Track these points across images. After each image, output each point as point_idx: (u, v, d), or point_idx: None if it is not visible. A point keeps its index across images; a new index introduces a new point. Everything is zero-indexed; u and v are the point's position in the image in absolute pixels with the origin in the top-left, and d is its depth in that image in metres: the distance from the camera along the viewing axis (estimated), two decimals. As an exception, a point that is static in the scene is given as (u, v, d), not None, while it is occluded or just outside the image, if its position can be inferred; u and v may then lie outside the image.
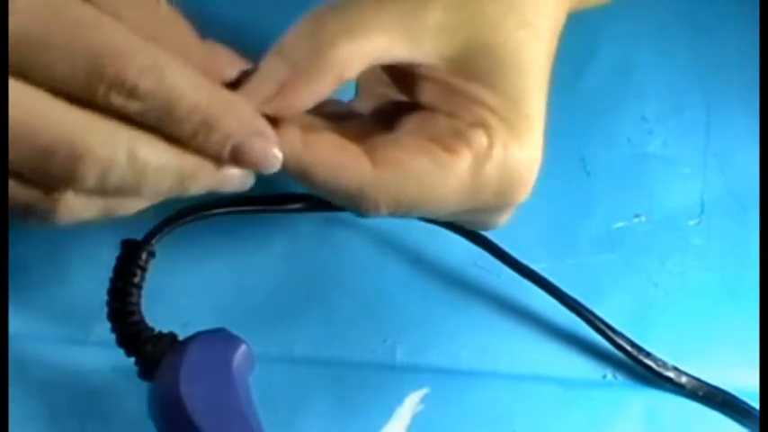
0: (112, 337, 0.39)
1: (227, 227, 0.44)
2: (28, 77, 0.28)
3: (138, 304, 0.39)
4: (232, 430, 0.36)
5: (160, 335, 0.39)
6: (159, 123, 0.30)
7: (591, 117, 0.49)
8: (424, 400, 0.44)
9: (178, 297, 0.43)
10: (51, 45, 0.28)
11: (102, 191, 0.30)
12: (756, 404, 0.45)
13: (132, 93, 0.29)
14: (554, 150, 0.42)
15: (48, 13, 0.28)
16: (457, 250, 0.44)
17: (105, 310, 0.39)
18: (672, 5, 0.51)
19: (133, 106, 0.29)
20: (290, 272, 0.45)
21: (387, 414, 0.44)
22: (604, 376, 0.46)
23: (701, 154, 0.50)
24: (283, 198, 0.41)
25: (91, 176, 0.29)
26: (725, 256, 0.48)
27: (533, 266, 0.45)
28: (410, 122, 0.36)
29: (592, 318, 0.45)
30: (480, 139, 0.34)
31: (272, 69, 0.32)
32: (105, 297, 0.39)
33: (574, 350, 0.46)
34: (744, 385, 0.46)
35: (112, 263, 0.39)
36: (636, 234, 0.48)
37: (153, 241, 0.38)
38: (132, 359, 0.39)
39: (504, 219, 0.39)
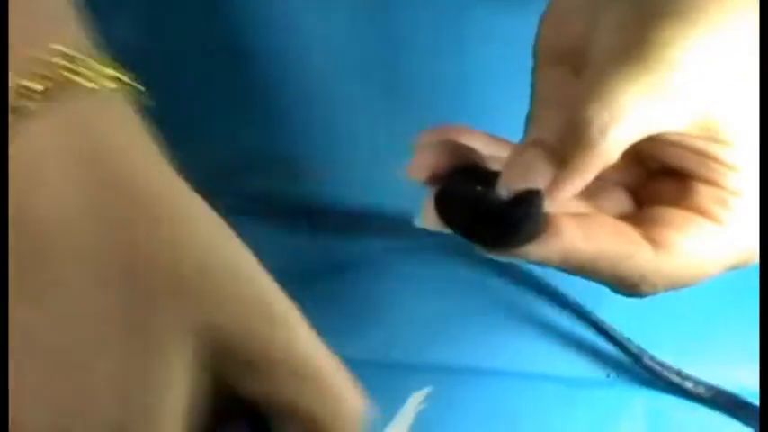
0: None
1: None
2: None
3: None
4: None
5: None
6: None
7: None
8: (427, 399, 0.44)
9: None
10: None
11: None
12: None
13: None
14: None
15: None
16: (459, 249, 0.44)
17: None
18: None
19: None
20: (291, 271, 0.45)
21: (390, 413, 0.43)
22: (608, 375, 0.46)
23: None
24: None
25: None
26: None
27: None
28: (667, 192, 0.35)
29: (594, 320, 0.45)
30: (742, 205, 0.34)
31: (536, 165, 0.31)
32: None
33: (577, 349, 0.46)
34: (747, 384, 0.46)
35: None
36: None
37: None
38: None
39: None
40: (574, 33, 0.35)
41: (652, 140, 0.32)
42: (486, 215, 0.31)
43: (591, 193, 0.33)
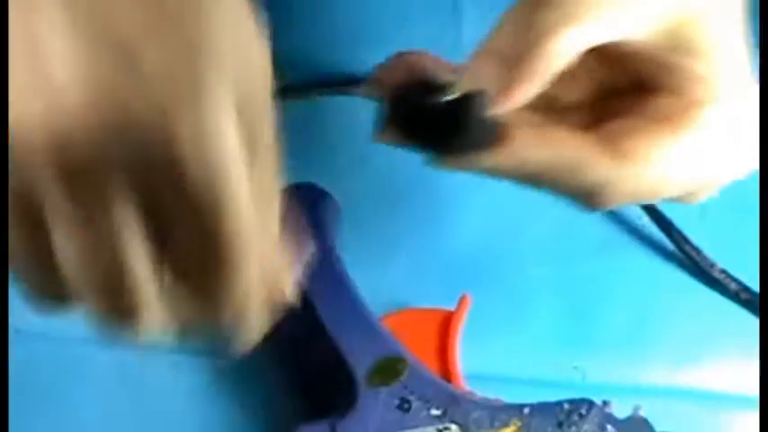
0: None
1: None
2: None
3: None
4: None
5: None
6: None
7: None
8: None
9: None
10: None
11: None
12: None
13: None
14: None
15: None
16: (459, 249, 0.45)
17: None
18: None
19: None
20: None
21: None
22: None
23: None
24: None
25: None
26: (725, 255, 0.48)
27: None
28: (630, 106, 0.33)
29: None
30: (710, 114, 0.32)
31: (484, 71, 0.30)
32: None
33: (577, 352, 0.46)
34: (748, 384, 0.46)
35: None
36: (637, 234, 0.48)
37: None
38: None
39: None
40: None
41: (611, 51, 0.31)
42: (434, 120, 0.31)
43: (550, 111, 0.32)
